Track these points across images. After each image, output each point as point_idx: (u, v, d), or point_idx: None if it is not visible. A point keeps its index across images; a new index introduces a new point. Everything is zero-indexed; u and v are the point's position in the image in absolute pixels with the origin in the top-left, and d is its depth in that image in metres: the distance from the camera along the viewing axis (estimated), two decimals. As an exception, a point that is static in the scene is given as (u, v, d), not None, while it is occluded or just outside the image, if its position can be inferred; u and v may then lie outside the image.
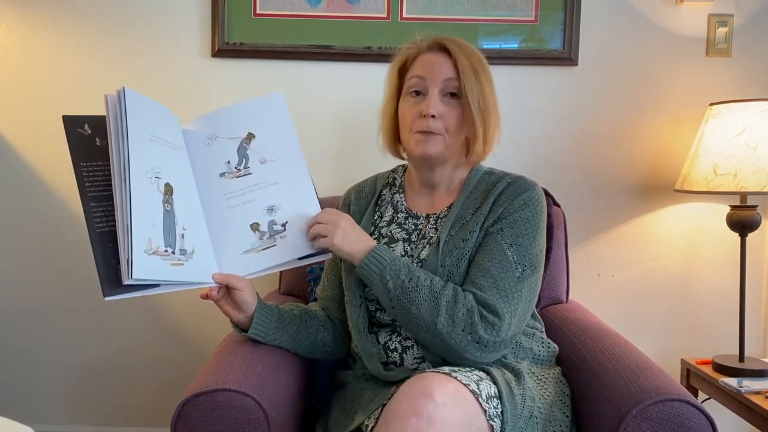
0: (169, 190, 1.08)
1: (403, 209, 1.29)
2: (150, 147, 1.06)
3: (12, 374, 1.94)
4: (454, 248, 1.16)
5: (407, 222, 1.27)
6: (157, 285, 1.03)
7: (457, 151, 1.22)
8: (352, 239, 1.15)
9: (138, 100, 1.06)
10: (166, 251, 1.04)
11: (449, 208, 1.24)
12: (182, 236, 1.08)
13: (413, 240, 1.24)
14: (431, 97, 1.18)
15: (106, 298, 0.99)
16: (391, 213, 1.29)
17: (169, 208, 1.07)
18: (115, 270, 1.00)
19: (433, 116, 1.17)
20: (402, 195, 1.31)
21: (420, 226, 1.25)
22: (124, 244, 0.99)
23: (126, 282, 0.98)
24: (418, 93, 1.21)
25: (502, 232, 1.15)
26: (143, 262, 0.99)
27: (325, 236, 1.13)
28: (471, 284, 1.13)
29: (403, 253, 1.22)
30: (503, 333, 1.09)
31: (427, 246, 1.20)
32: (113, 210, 1.02)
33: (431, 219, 1.25)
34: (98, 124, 1.06)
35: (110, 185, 1.03)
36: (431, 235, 1.22)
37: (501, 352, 1.11)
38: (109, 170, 1.03)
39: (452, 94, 1.19)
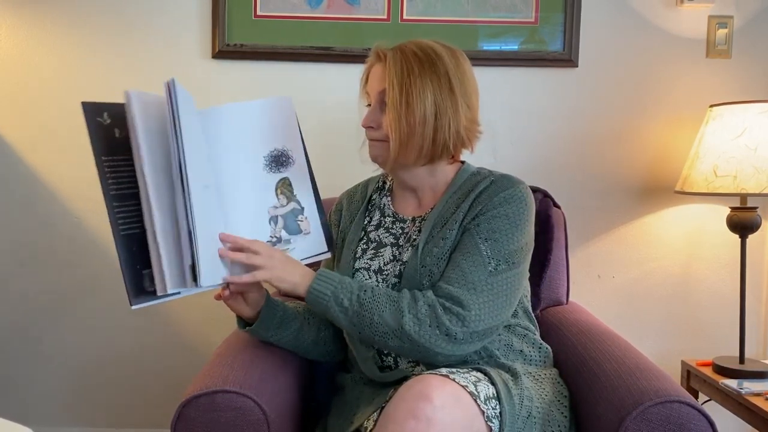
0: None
1: (390, 213, 1.28)
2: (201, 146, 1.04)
3: (12, 375, 1.94)
4: (434, 247, 1.16)
5: (394, 226, 1.26)
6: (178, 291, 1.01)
7: (415, 154, 1.17)
8: (292, 268, 1.11)
9: (184, 94, 1.00)
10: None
11: (433, 209, 1.23)
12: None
13: (401, 244, 1.23)
14: (370, 109, 1.21)
15: (133, 307, 0.95)
16: (378, 217, 1.29)
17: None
18: (142, 276, 0.96)
19: (368, 127, 1.20)
20: (389, 198, 1.31)
21: (407, 230, 1.25)
22: (189, 250, 0.96)
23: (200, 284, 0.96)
24: (369, 105, 1.23)
25: (478, 227, 1.14)
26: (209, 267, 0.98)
27: (261, 267, 1.07)
28: (442, 279, 1.12)
29: (392, 257, 1.22)
30: (472, 325, 1.07)
31: (410, 248, 1.20)
32: (139, 210, 0.97)
33: (416, 221, 1.24)
34: (117, 113, 0.98)
35: (136, 183, 0.96)
36: (415, 237, 1.22)
37: (475, 345, 1.10)
38: (134, 166, 0.97)
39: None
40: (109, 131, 0.97)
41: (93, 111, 0.97)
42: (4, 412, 1.89)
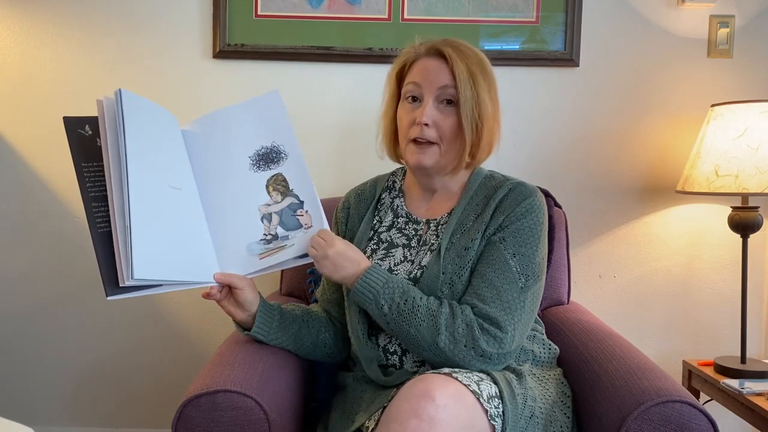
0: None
1: (404, 214, 1.28)
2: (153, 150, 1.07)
3: (13, 375, 1.94)
4: (456, 256, 1.16)
5: (407, 227, 1.26)
6: (159, 285, 1.03)
7: (454, 157, 1.20)
8: (343, 266, 1.13)
9: (135, 101, 1.06)
10: None
11: (450, 213, 1.23)
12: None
13: (413, 245, 1.23)
14: (426, 104, 1.17)
15: (109, 298, 0.99)
16: (391, 218, 1.29)
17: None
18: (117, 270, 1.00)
19: (426, 124, 1.17)
20: (402, 199, 1.31)
21: (420, 232, 1.24)
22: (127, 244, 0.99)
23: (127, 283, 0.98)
24: (414, 99, 1.20)
25: (504, 241, 1.14)
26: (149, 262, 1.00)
27: (316, 260, 1.14)
28: (474, 295, 1.12)
29: (402, 258, 1.22)
30: (507, 345, 1.08)
31: (429, 252, 1.20)
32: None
33: (431, 224, 1.24)
34: (99, 124, 1.06)
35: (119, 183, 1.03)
36: (432, 241, 1.21)
37: (505, 363, 1.11)
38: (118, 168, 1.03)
39: (449, 101, 1.18)
40: (91, 141, 1.06)
41: (74, 124, 1.07)
42: (4, 412, 1.90)
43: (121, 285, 0.98)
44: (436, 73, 1.18)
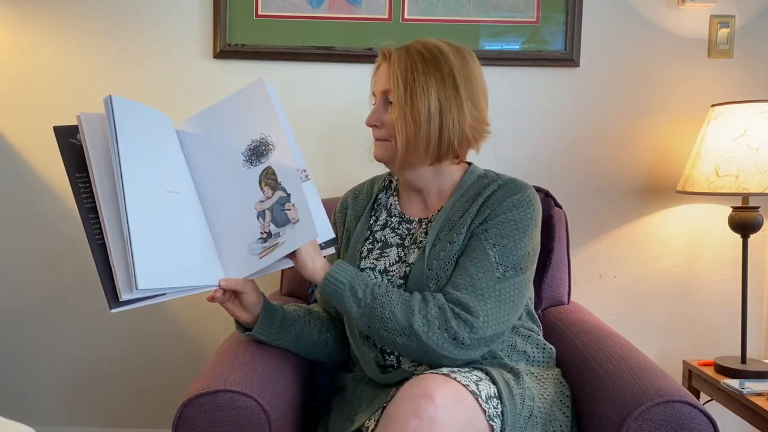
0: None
1: (396, 213, 1.28)
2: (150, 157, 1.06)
3: (14, 375, 1.94)
4: (441, 251, 1.15)
5: (401, 227, 1.26)
6: (163, 293, 1.01)
7: (419, 155, 1.18)
8: (318, 256, 1.13)
9: (127, 107, 1.04)
10: None
11: (440, 211, 1.23)
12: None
13: (406, 245, 1.23)
14: (374, 107, 1.22)
15: (113, 311, 0.97)
16: (385, 216, 1.29)
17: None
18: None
19: (374, 125, 1.21)
20: (396, 198, 1.31)
21: (413, 231, 1.24)
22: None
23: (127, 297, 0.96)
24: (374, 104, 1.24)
25: (486, 232, 1.14)
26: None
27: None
28: (449, 283, 1.12)
29: (397, 258, 1.22)
30: (480, 331, 1.07)
31: (416, 250, 1.20)
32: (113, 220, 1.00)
33: (423, 223, 1.24)
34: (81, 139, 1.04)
35: (107, 195, 1.01)
36: (421, 239, 1.21)
37: (481, 350, 1.10)
38: (105, 180, 1.01)
39: (391, 102, 1.19)
40: (83, 150, 1.04)
41: (65, 133, 1.05)
42: (4, 412, 1.90)
43: (121, 300, 0.96)
44: (381, 77, 1.21)
